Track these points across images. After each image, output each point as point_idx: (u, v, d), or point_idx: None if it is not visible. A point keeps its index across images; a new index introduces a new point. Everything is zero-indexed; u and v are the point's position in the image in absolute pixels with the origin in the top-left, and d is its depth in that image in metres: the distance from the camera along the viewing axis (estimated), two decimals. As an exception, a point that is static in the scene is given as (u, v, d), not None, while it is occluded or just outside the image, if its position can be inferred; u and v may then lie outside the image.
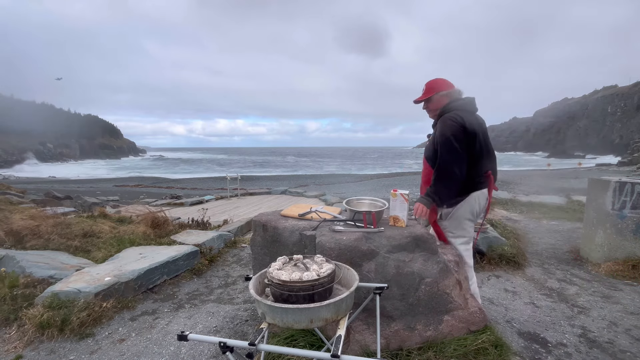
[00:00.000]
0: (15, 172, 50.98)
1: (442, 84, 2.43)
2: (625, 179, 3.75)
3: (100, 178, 36.55)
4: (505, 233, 4.54)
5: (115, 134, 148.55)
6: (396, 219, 2.26)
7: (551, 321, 2.65)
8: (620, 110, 79.13)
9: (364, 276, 2.00)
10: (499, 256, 3.79)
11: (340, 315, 1.40)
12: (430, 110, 2.49)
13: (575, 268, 3.80)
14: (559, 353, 2.24)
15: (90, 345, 2.39)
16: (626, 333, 2.48)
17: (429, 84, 2.44)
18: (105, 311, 2.69)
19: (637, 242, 3.60)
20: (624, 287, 3.25)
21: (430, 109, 2.48)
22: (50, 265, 3.29)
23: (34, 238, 4.11)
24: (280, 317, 1.33)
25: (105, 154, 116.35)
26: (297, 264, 1.60)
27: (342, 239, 2.07)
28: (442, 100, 2.40)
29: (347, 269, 1.63)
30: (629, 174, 19.22)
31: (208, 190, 18.22)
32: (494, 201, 6.96)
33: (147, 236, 4.50)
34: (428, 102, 2.45)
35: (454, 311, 2.21)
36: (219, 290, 3.33)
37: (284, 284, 1.41)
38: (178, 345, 2.37)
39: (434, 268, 2.18)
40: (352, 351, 2.02)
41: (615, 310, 2.81)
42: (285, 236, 2.23)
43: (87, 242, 4.23)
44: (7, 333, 2.49)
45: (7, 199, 8.50)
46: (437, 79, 2.47)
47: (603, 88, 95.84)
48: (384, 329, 2.07)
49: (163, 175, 38.86)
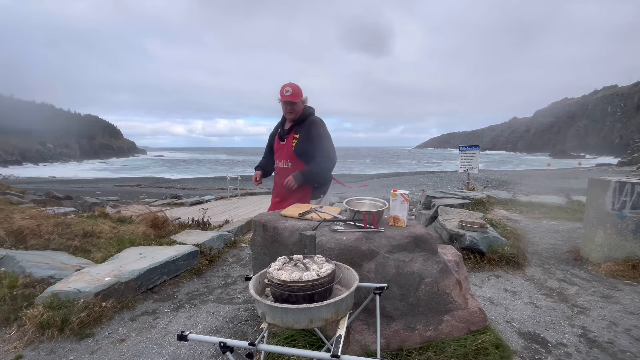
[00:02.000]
0: (15, 172, 50.98)
1: (302, 92, 2.82)
2: (625, 179, 3.75)
3: (100, 178, 36.54)
4: (505, 233, 4.54)
5: (115, 134, 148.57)
6: (396, 219, 2.26)
7: (551, 321, 2.65)
8: (620, 110, 79.15)
9: (364, 276, 2.00)
10: (499, 256, 3.79)
11: (340, 315, 1.40)
12: (293, 112, 2.82)
13: (575, 268, 3.80)
14: (559, 353, 2.24)
15: (90, 345, 2.39)
16: (626, 333, 2.48)
17: (296, 89, 2.75)
18: (105, 311, 2.69)
19: (637, 242, 3.60)
20: (624, 287, 3.25)
21: (295, 111, 2.82)
22: (50, 265, 3.29)
23: (34, 238, 4.11)
24: (280, 317, 1.33)
25: (105, 154, 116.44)
26: (297, 264, 1.59)
27: (342, 239, 2.07)
28: (302, 105, 2.87)
29: (347, 269, 1.63)
30: (629, 174, 19.22)
31: (208, 190, 18.23)
32: (494, 201, 6.96)
33: (147, 236, 4.50)
34: (294, 105, 2.77)
35: (454, 311, 2.21)
36: (219, 290, 3.33)
37: (283, 284, 1.41)
38: (178, 345, 2.37)
39: (434, 268, 2.18)
40: (352, 351, 2.02)
41: (615, 310, 2.81)
42: (285, 236, 2.23)
43: (87, 242, 4.22)
44: (7, 333, 2.49)
45: (7, 199, 8.50)
46: (298, 86, 2.80)
47: (603, 88, 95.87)
48: (384, 329, 2.07)
49: (163, 175, 38.86)
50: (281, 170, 2.96)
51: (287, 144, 2.87)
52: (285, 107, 2.79)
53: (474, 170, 9.70)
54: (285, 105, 2.77)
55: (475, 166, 9.68)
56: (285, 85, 2.75)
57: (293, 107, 2.78)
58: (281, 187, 2.90)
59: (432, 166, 52.88)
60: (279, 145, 2.96)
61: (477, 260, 3.81)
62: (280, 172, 2.97)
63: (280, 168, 2.97)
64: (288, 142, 2.86)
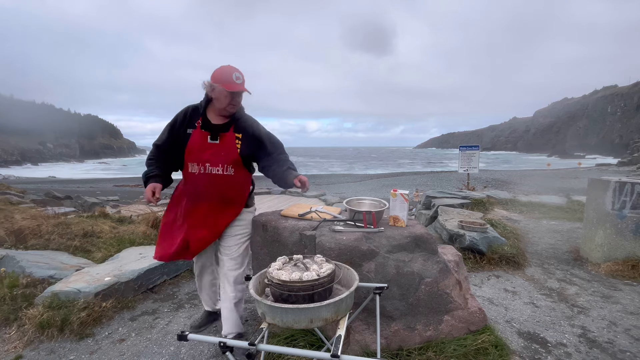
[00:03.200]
0: (15, 172, 51.00)
1: None
2: (625, 179, 3.75)
3: (100, 178, 36.56)
4: (505, 233, 4.54)
5: (115, 134, 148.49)
6: (396, 219, 2.26)
7: (551, 321, 2.65)
8: (620, 110, 79.19)
9: (364, 276, 2.01)
10: (498, 256, 3.79)
11: (340, 315, 1.40)
12: (237, 106, 2.19)
13: (575, 268, 3.80)
14: (558, 353, 2.24)
15: (90, 345, 2.39)
16: (626, 333, 2.48)
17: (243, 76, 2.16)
18: (105, 311, 2.69)
19: (637, 242, 3.60)
20: (624, 287, 3.25)
21: (238, 105, 2.20)
22: (50, 265, 3.29)
23: (34, 238, 4.12)
24: (280, 317, 1.33)
25: (105, 154, 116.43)
26: (297, 264, 1.60)
27: (342, 239, 2.07)
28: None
29: (347, 269, 1.63)
30: (629, 174, 19.22)
31: (208, 190, 18.18)
32: (494, 201, 6.96)
33: (147, 236, 4.50)
34: (238, 97, 2.16)
35: (454, 311, 2.21)
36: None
37: (283, 284, 1.41)
38: (178, 345, 2.37)
39: (433, 268, 2.18)
40: (352, 351, 2.02)
41: (615, 310, 2.81)
42: (285, 236, 2.23)
43: (87, 242, 4.23)
44: (7, 333, 2.49)
45: (7, 199, 8.51)
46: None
47: (603, 88, 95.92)
48: (384, 329, 2.07)
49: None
50: (213, 178, 2.16)
51: (225, 144, 2.17)
52: (231, 99, 2.10)
53: (473, 170, 9.70)
54: (231, 97, 2.09)
55: (475, 166, 9.69)
56: (232, 70, 2.09)
57: (237, 100, 2.16)
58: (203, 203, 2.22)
59: (432, 166, 52.96)
60: (206, 145, 2.16)
61: (477, 260, 3.81)
62: (211, 180, 2.17)
63: (212, 175, 2.16)
64: (227, 141, 2.17)
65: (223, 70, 2.09)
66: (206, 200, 2.22)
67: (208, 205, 2.22)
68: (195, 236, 2.21)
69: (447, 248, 2.65)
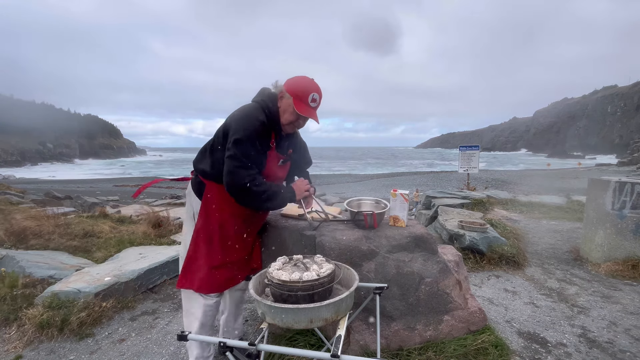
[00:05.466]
0: (15, 172, 51.01)
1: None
2: (625, 179, 3.75)
3: (100, 178, 36.57)
4: (505, 233, 4.54)
5: (115, 134, 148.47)
6: (396, 219, 2.26)
7: (551, 321, 2.65)
8: (620, 110, 79.20)
9: (364, 276, 2.00)
10: (498, 256, 3.79)
11: (340, 315, 1.40)
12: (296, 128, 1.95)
13: (575, 268, 3.80)
14: (558, 353, 2.24)
15: (90, 345, 2.39)
16: (626, 333, 2.48)
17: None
18: (105, 311, 2.69)
19: (637, 242, 3.60)
20: (624, 287, 3.25)
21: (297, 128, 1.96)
22: (50, 265, 3.29)
23: (35, 238, 4.12)
24: (280, 317, 1.33)
25: (105, 154, 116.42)
26: (297, 264, 1.59)
27: (342, 239, 2.07)
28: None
29: (347, 269, 1.63)
30: (629, 174, 19.22)
31: (208, 190, 18.19)
32: (494, 201, 6.96)
33: (147, 236, 4.50)
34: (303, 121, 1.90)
35: (454, 311, 2.21)
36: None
37: (283, 284, 1.41)
38: (178, 345, 2.37)
39: (433, 268, 2.18)
40: (352, 351, 2.02)
41: (615, 310, 2.81)
42: (285, 236, 2.23)
43: (87, 242, 4.23)
44: (7, 333, 2.49)
45: (7, 199, 8.51)
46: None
47: (603, 88, 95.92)
48: (384, 329, 2.07)
49: (163, 175, 38.87)
50: None
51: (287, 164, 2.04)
52: (294, 119, 1.82)
53: (473, 170, 9.71)
54: (296, 117, 1.80)
55: (475, 166, 9.69)
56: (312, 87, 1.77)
57: (302, 124, 1.90)
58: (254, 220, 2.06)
59: (432, 166, 52.96)
60: (276, 167, 1.95)
61: (477, 260, 3.81)
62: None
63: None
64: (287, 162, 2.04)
65: (303, 83, 1.78)
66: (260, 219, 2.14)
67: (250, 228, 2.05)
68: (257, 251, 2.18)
69: (447, 248, 2.65)
